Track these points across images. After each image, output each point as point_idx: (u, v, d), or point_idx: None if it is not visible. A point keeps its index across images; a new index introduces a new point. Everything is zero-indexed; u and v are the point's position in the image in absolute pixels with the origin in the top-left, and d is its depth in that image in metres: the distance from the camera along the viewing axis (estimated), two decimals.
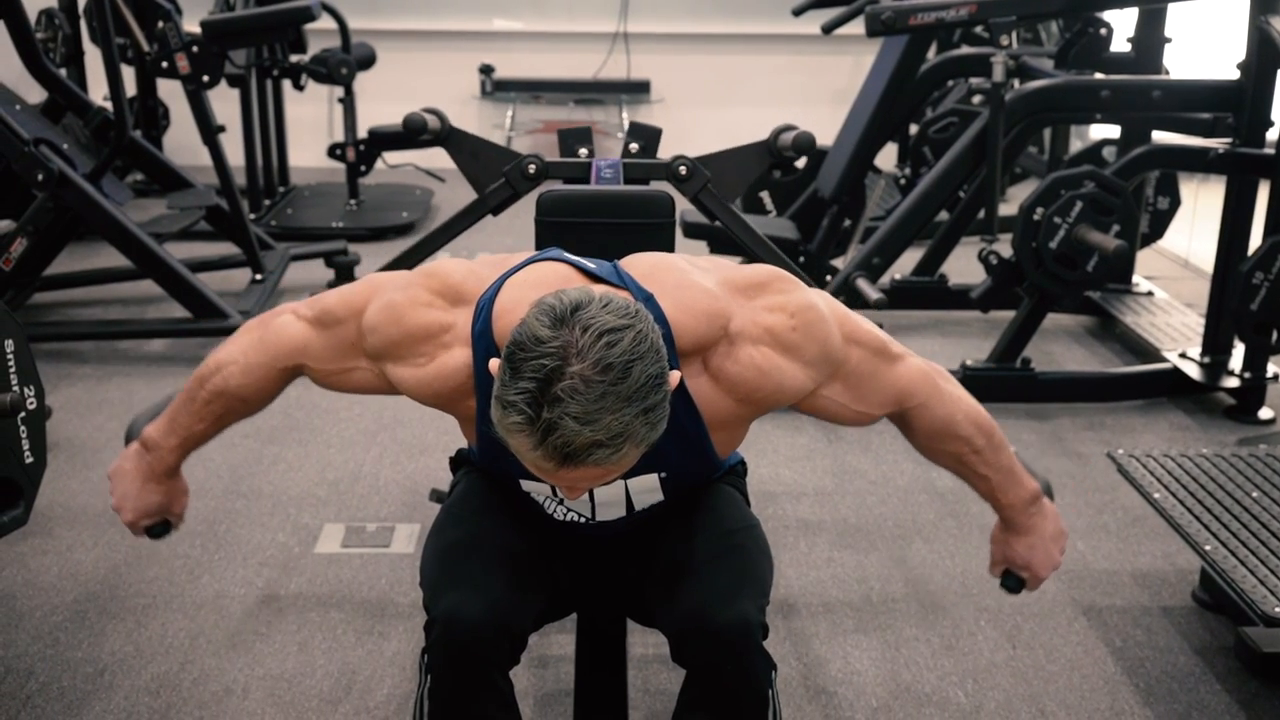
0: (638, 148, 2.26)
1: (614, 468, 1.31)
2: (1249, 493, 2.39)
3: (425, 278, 1.53)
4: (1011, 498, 1.70)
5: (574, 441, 1.24)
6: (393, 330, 1.51)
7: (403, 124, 2.26)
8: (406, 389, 1.54)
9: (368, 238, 5.28)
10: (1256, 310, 3.22)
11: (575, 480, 1.32)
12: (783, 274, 1.53)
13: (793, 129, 2.23)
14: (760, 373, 1.47)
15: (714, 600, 1.51)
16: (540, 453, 1.27)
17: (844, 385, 1.54)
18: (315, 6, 4.46)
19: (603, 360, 1.25)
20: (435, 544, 1.64)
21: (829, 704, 2.18)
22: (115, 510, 1.77)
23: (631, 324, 1.28)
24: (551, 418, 1.24)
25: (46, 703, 2.12)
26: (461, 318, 1.49)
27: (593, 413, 1.24)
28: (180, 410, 1.70)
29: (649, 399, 1.27)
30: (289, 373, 1.66)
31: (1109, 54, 3.97)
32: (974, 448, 1.65)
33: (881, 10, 3.37)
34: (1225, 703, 2.19)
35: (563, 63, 6.77)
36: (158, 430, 1.71)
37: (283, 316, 1.65)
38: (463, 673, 1.51)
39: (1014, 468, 1.70)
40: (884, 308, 3.46)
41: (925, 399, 1.60)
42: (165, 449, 1.71)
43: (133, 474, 1.74)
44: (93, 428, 3.29)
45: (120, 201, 3.99)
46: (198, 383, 1.68)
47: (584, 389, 1.24)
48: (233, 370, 1.65)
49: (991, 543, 1.80)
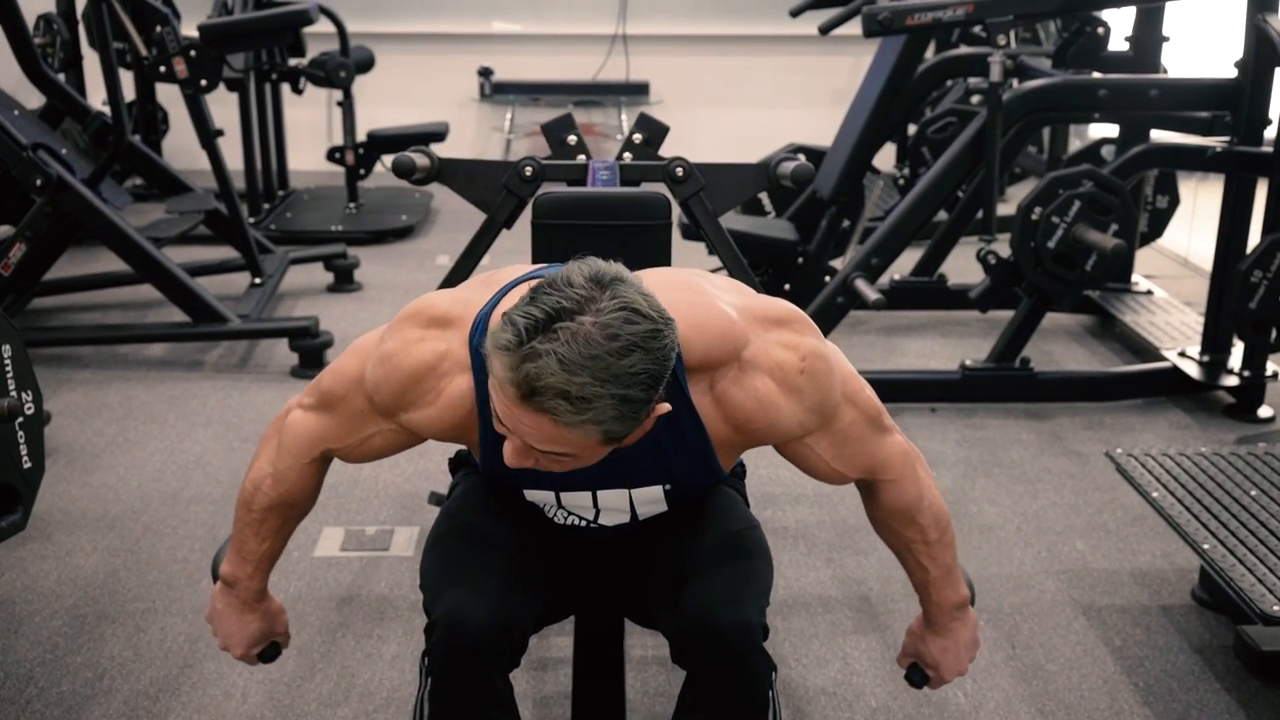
0: (641, 138, 2.26)
1: (564, 433, 1.28)
2: (1248, 491, 2.39)
3: (411, 316, 1.51)
4: (942, 597, 1.72)
5: (544, 378, 1.23)
6: (396, 377, 1.49)
7: (392, 168, 2.23)
8: (426, 431, 1.52)
9: (367, 241, 5.29)
10: (1255, 308, 3.22)
11: (523, 426, 1.29)
12: (803, 316, 1.53)
13: (794, 159, 2.23)
14: (760, 405, 1.47)
15: (715, 601, 1.51)
16: (510, 376, 1.24)
17: (830, 440, 1.55)
18: (313, 10, 4.46)
19: (612, 329, 1.24)
20: (435, 547, 1.64)
21: (829, 705, 2.18)
22: (224, 650, 1.77)
23: (657, 323, 1.28)
24: (539, 348, 1.23)
25: (45, 708, 2.12)
26: (456, 341, 1.48)
27: (577, 365, 1.23)
28: (241, 539, 1.70)
29: (631, 390, 1.26)
30: (319, 462, 1.65)
31: (1107, 53, 3.97)
32: (926, 539, 1.67)
33: (878, 11, 3.37)
34: (1225, 701, 2.19)
35: (562, 65, 6.77)
36: (231, 565, 1.72)
37: (291, 415, 1.65)
38: (463, 675, 1.51)
39: (954, 569, 1.72)
40: (883, 308, 3.47)
41: (899, 477, 1.62)
42: (244, 579, 1.72)
43: (226, 612, 1.75)
44: (92, 432, 3.29)
45: (119, 206, 4.00)
46: (245, 509, 1.68)
47: (581, 340, 1.23)
48: (267, 484, 1.65)
49: (907, 634, 1.82)
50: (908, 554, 1.70)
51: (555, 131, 2.27)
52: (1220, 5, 4.44)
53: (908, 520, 1.65)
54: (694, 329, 1.44)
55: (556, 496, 1.58)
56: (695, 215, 2.22)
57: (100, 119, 4.30)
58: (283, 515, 1.68)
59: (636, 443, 1.48)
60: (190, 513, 2.86)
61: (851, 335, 4.14)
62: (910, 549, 1.68)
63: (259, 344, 4.00)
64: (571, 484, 1.55)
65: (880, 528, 1.70)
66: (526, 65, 6.77)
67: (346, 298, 4.58)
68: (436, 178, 2.29)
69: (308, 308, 4.42)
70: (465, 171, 2.32)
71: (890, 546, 1.72)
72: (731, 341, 1.46)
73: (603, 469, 1.51)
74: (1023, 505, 2.96)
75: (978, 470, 3.14)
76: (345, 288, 4.66)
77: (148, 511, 2.86)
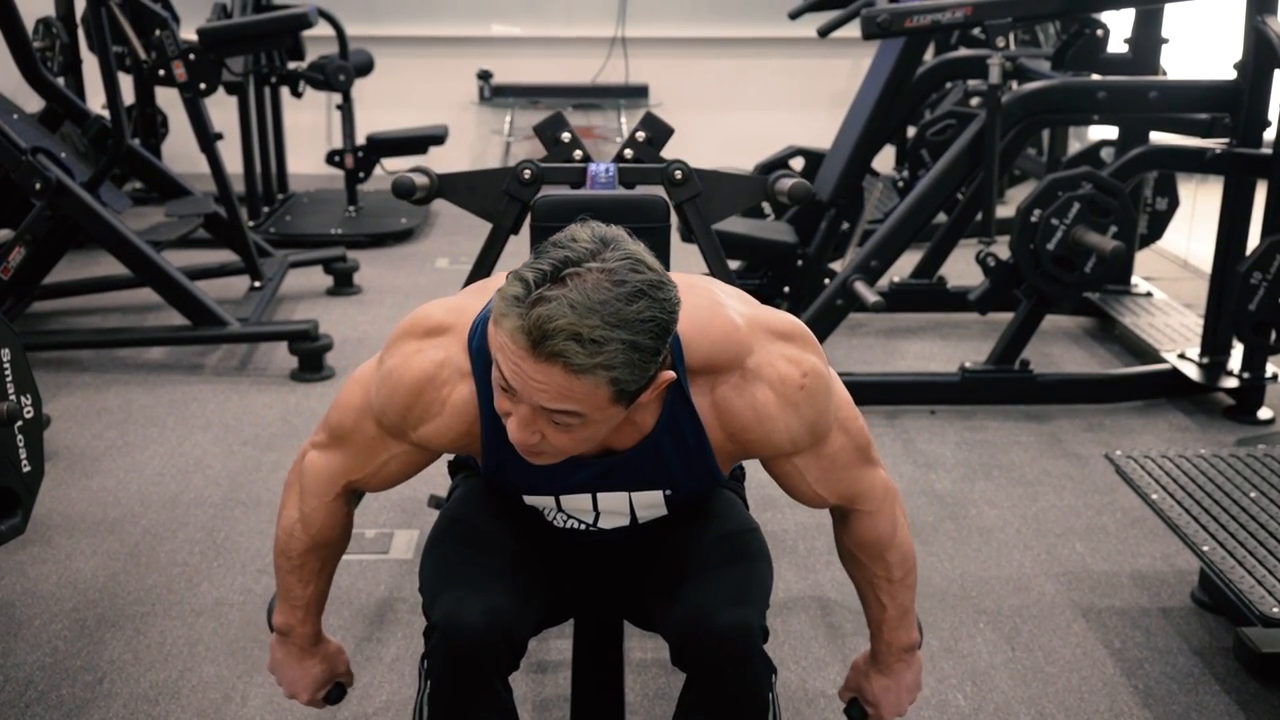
0: (645, 137, 2.26)
1: (573, 384, 1.26)
2: (1247, 493, 2.38)
3: (408, 330, 1.51)
4: (894, 637, 1.73)
5: (555, 322, 1.23)
6: (400, 393, 1.48)
7: (392, 190, 2.23)
8: (436, 443, 1.52)
9: (367, 244, 5.29)
10: (1255, 310, 3.23)
11: (531, 384, 1.27)
12: (809, 334, 1.53)
13: (793, 176, 2.23)
14: (757, 416, 1.47)
15: (715, 604, 1.51)
16: (520, 324, 1.24)
17: (817, 462, 1.55)
18: (312, 13, 4.47)
19: (619, 275, 1.26)
20: (434, 550, 1.64)
21: (829, 707, 2.17)
22: (291, 698, 1.78)
23: (661, 275, 1.30)
24: (549, 294, 1.24)
25: (45, 711, 2.12)
26: (455, 348, 1.47)
27: (588, 308, 1.23)
28: (286, 586, 1.70)
29: (640, 337, 1.26)
30: (343, 498, 1.64)
31: (1106, 55, 3.97)
32: (890, 576, 1.68)
33: (877, 13, 3.37)
34: (1224, 703, 2.19)
35: (561, 68, 6.77)
36: (282, 614, 1.73)
37: (306, 456, 1.65)
38: (463, 678, 1.51)
39: (910, 611, 1.73)
40: (882, 310, 3.46)
41: (876, 510, 1.63)
42: (297, 625, 1.72)
43: (286, 660, 1.75)
44: (91, 436, 3.29)
45: (118, 210, 4.00)
46: (283, 557, 1.68)
47: (590, 286, 1.24)
48: (298, 529, 1.65)
49: (851, 669, 1.83)
50: (869, 589, 1.71)
51: (548, 131, 2.27)
52: (1219, 7, 4.44)
53: (876, 555, 1.66)
54: (698, 331, 1.44)
55: (557, 501, 1.58)
56: (688, 219, 2.22)
57: (99, 123, 4.30)
58: (320, 557, 1.68)
59: (636, 445, 1.49)
60: (190, 516, 2.85)
61: (851, 337, 4.14)
62: (873, 584, 1.69)
63: (258, 347, 4.00)
64: (571, 487, 1.55)
65: (847, 558, 1.71)
66: (526, 68, 6.77)
67: (346, 301, 4.59)
68: (437, 195, 2.29)
69: (307, 311, 4.42)
70: (465, 184, 2.32)
71: (853, 579, 1.73)
72: (735, 347, 1.46)
73: (603, 472, 1.52)
74: (1022, 507, 2.95)
75: (977, 472, 3.14)
76: (345, 291, 4.66)
77: (147, 515, 2.86)
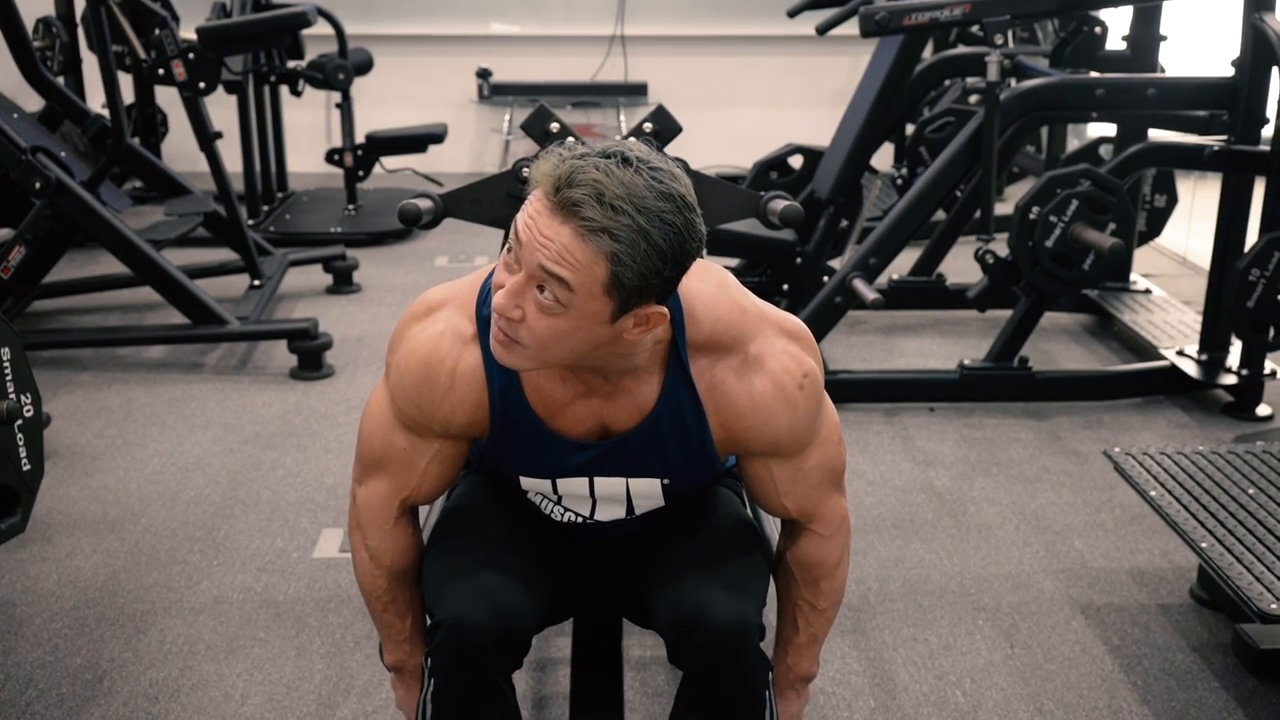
0: (652, 129, 2.27)
1: (577, 249, 1.27)
2: (1246, 490, 2.39)
3: (406, 319, 1.52)
4: (795, 662, 1.74)
5: (586, 174, 1.27)
6: (410, 377, 1.49)
7: (398, 217, 2.23)
8: (457, 423, 1.52)
9: (366, 243, 5.29)
10: (1253, 307, 3.23)
11: (538, 240, 1.28)
12: (814, 342, 1.54)
13: (785, 198, 2.23)
14: (753, 405, 1.48)
15: (711, 601, 1.51)
16: (552, 170, 1.29)
17: (791, 470, 1.56)
18: (311, 12, 4.47)
19: (660, 178, 1.30)
20: (436, 548, 1.64)
21: (826, 704, 2.18)
22: None
23: (693, 204, 1.33)
24: (588, 160, 1.29)
25: (45, 709, 2.13)
26: (454, 317, 1.49)
27: (620, 181, 1.27)
28: (386, 626, 1.71)
29: (654, 231, 1.28)
30: (403, 520, 1.63)
31: (1104, 52, 3.98)
32: (815, 606, 1.69)
33: (875, 11, 3.38)
34: (1223, 700, 2.19)
35: (560, 66, 6.78)
36: (390, 653, 1.74)
37: (355, 495, 1.64)
38: (467, 675, 1.52)
39: (818, 642, 1.74)
40: (881, 308, 3.47)
41: (829, 536, 1.64)
42: (406, 659, 1.73)
43: (408, 696, 1.76)
44: (91, 434, 3.30)
45: (118, 209, 4.00)
46: (372, 599, 1.68)
47: (629, 174, 1.28)
48: (371, 567, 1.65)
49: None
50: (790, 608, 1.71)
51: (535, 126, 2.27)
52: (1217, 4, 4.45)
53: (812, 579, 1.67)
54: (704, 306, 1.47)
55: (553, 485, 1.58)
56: None
57: (99, 122, 4.30)
58: (405, 586, 1.67)
59: (636, 426, 1.49)
60: (190, 515, 2.86)
61: (850, 335, 4.14)
62: (797, 605, 1.70)
63: (258, 346, 4.00)
64: (569, 470, 1.56)
65: (783, 574, 1.70)
66: (525, 66, 6.77)
67: (346, 299, 4.59)
68: (444, 215, 2.29)
69: (307, 309, 4.42)
70: (469, 198, 2.31)
71: (778, 595, 1.73)
72: (738, 328, 1.48)
73: (601, 454, 1.52)
74: (1021, 504, 2.96)
75: (976, 469, 3.15)
76: (344, 289, 4.66)
77: (147, 513, 2.86)
